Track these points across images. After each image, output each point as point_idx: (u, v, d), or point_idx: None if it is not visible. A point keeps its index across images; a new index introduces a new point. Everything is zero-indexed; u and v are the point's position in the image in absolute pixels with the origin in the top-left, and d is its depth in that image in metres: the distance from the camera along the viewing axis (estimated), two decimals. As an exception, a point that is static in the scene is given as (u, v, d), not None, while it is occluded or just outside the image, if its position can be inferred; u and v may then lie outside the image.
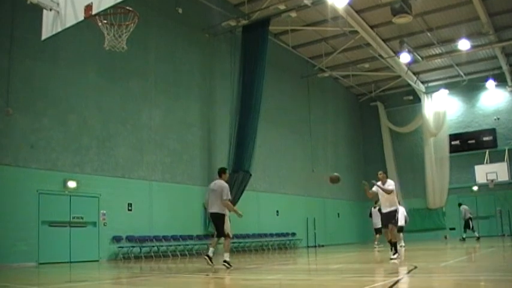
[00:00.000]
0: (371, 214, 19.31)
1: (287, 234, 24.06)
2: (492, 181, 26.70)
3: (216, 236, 10.28)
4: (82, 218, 15.46)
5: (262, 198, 22.87)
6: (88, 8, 8.39)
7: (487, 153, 28.15)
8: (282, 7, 20.06)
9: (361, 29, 22.37)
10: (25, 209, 13.88)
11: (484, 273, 7.86)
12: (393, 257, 10.73)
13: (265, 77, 19.89)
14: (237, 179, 19.13)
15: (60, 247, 14.64)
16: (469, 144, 30.11)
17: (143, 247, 16.91)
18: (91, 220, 15.75)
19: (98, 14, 8.83)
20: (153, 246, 17.23)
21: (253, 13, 20.77)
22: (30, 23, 12.98)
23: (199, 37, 20.62)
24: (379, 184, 11.12)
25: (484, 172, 27.08)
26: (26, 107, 14.48)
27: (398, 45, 24.47)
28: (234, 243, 19.20)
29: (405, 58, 24.47)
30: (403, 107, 32.41)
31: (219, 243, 10.45)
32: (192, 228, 18.89)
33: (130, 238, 16.57)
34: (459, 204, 23.92)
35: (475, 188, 28.64)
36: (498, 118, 29.63)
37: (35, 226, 14.07)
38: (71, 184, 15.22)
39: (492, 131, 29.62)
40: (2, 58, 14.03)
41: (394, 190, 11.15)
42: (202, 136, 20.27)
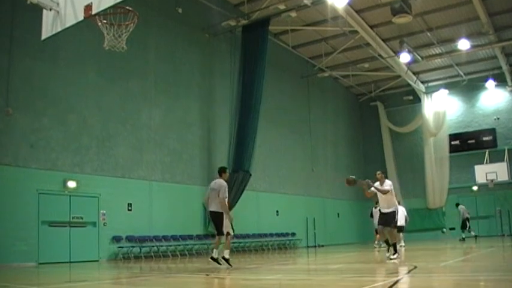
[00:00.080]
0: (372, 214, 19.29)
1: (287, 234, 24.05)
2: (492, 181, 26.71)
3: (217, 235, 10.29)
4: (82, 218, 15.46)
5: (262, 198, 22.88)
6: (88, 8, 8.39)
7: (487, 153, 28.17)
8: (282, 7, 20.05)
9: (361, 29, 22.37)
10: (25, 209, 13.88)
11: (484, 273, 7.86)
12: (393, 257, 10.74)
13: (265, 77, 19.90)
14: (237, 179, 19.15)
15: (60, 247, 14.64)
16: (469, 144, 30.11)
17: (143, 247, 16.91)
18: (91, 220, 15.75)
19: (98, 14, 8.83)
20: (153, 246, 17.22)
21: (253, 13, 20.77)
22: (30, 23, 12.97)
23: (199, 37, 20.62)
24: (376, 185, 11.11)
25: (484, 172, 27.08)
26: (26, 107, 14.48)
27: (398, 45, 24.46)
28: (234, 243, 19.18)
29: (405, 58, 24.47)
30: (403, 107, 32.41)
31: (221, 242, 10.44)
32: (192, 228, 18.89)
33: (130, 238, 16.56)
34: (457, 204, 23.92)
35: (475, 188, 28.66)
36: (498, 118, 29.64)
37: (35, 226, 14.08)
38: (71, 184, 15.22)
39: (492, 131, 29.63)
40: (2, 58, 14.03)
41: (392, 191, 11.12)
42: (202, 136, 20.28)
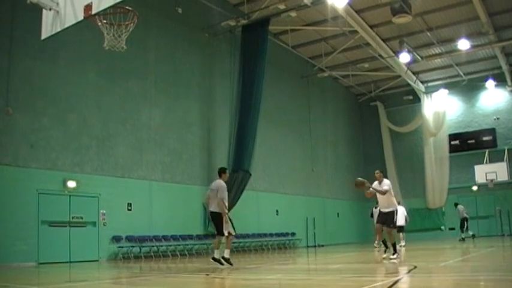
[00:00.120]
0: (372, 214, 19.29)
1: (287, 234, 24.06)
2: (492, 181, 26.70)
3: (217, 235, 10.29)
4: (82, 218, 15.46)
5: (262, 197, 22.88)
6: (88, 8, 8.39)
7: (487, 153, 28.17)
8: (282, 7, 20.04)
9: (360, 29, 22.37)
10: (25, 209, 13.88)
11: (484, 273, 7.86)
12: (393, 257, 10.75)
13: (265, 77, 19.90)
14: (237, 179, 19.14)
15: (59, 247, 14.63)
16: (469, 144, 30.11)
17: (143, 247, 16.91)
18: (91, 220, 15.75)
19: (98, 14, 8.83)
20: (153, 246, 17.22)
21: (252, 13, 20.77)
22: (30, 23, 12.96)
23: (199, 37, 20.62)
24: (374, 186, 11.10)
25: (484, 172, 27.07)
26: (26, 107, 14.48)
27: (398, 45, 24.46)
28: (234, 243, 19.15)
29: (405, 58, 24.47)
30: (403, 107, 32.42)
31: (222, 242, 10.45)
32: (192, 228, 18.89)
33: (130, 238, 16.56)
34: (455, 204, 23.91)
35: (475, 188, 28.66)
36: (498, 118, 29.64)
37: (35, 226, 14.07)
38: (71, 184, 15.22)
39: (492, 131, 29.63)
40: (2, 58, 14.02)
41: (391, 190, 11.13)
42: (202, 136, 20.27)
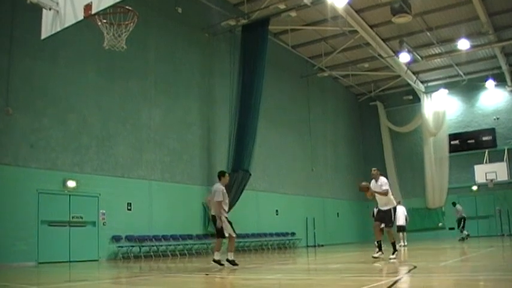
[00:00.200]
0: (373, 214, 19.27)
1: (287, 233, 24.05)
2: (491, 181, 26.70)
3: (216, 237, 10.31)
4: (81, 218, 15.46)
5: (261, 197, 22.87)
6: (87, 8, 8.38)
7: (487, 152, 28.16)
8: (282, 6, 20.04)
9: (360, 29, 22.37)
10: (25, 209, 13.88)
11: (484, 272, 7.86)
12: (392, 257, 10.75)
13: (264, 77, 19.90)
14: (237, 179, 19.15)
15: (59, 246, 14.64)
16: (469, 144, 30.11)
17: (143, 247, 16.91)
18: (90, 220, 15.75)
19: (98, 14, 8.83)
20: (153, 245, 17.22)
21: (252, 12, 20.77)
22: (29, 23, 12.96)
23: (198, 37, 20.61)
24: (372, 185, 11.10)
25: (484, 172, 27.07)
26: (26, 106, 14.47)
27: (397, 44, 24.45)
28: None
29: (405, 58, 24.46)
30: (403, 107, 32.41)
31: (224, 242, 10.46)
32: (192, 227, 18.89)
33: (129, 238, 16.56)
34: (453, 203, 23.90)
35: (475, 188, 28.66)
36: (497, 118, 29.64)
37: (35, 225, 14.07)
38: (71, 184, 15.22)
39: (491, 131, 29.62)
40: (2, 57, 14.02)
41: (389, 189, 11.14)
42: (201, 135, 20.27)
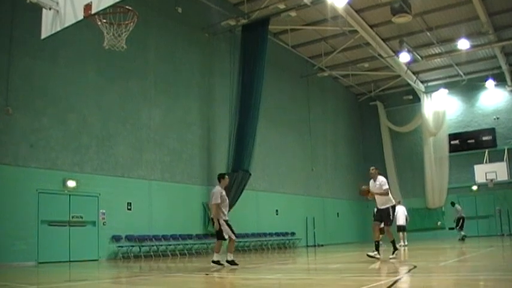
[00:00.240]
0: (374, 214, 19.25)
1: (286, 233, 24.05)
2: (491, 181, 26.70)
3: (217, 239, 10.34)
4: (81, 217, 15.47)
5: (261, 197, 22.88)
6: (87, 7, 8.38)
7: (487, 152, 28.17)
8: (282, 6, 20.04)
9: (360, 29, 22.36)
10: (24, 208, 13.88)
11: (484, 272, 7.86)
12: (392, 256, 10.76)
13: (264, 76, 19.89)
14: (237, 178, 19.14)
15: (59, 246, 14.64)
16: (469, 143, 30.12)
17: (142, 246, 16.91)
18: (90, 219, 15.75)
19: (98, 13, 8.82)
20: (153, 245, 17.22)
21: (252, 12, 20.77)
22: (29, 22, 12.96)
23: (198, 36, 20.61)
24: (370, 185, 11.08)
25: (484, 172, 27.07)
26: (26, 106, 14.47)
27: (397, 44, 24.45)
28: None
29: (405, 57, 24.46)
30: (403, 107, 32.41)
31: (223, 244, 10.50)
32: (192, 227, 18.89)
33: (129, 237, 16.56)
34: (452, 203, 23.85)
35: (475, 188, 28.67)
36: (497, 118, 29.65)
37: (35, 225, 14.08)
38: (71, 183, 15.22)
39: (491, 131, 29.63)
40: (2, 57, 14.02)
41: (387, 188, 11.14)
42: (201, 135, 20.27)
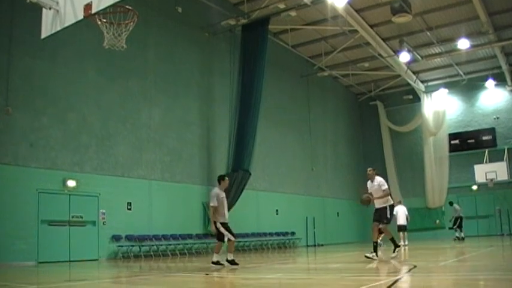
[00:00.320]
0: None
1: (286, 233, 24.05)
2: (491, 180, 26.71)
3: (217, 240, 10.35)
4: (81, 217, 15.46)
5: (261, 197, 22.87)
6: (87, 7, 8.38)
7: (487, 152, 28.17)
8: (282, 6, 20.02)
9: (360, 28, 22.36)
10: (24, 208, 13.88)
11: (484, 272, 7.86)
12: (393, 255, 10.77)
13: (264, 76, 19.88)
14: (237, 178, 19.14)
15: (59, 246, 14.64)
16: (469, 143, 30.12)
17: (142, 246, 16.90)
18: (90, 219, 15.75)
19: (98, 13, 8.82)
20: (153, 245, 17.22)
21: (252, 12, 20.76)
22: (29, 22, 12.94)
23: (198, 36, 20.60)
24: (374, 194, 10.98)
25: (484, 171, 27.08)
26: (26, 106, 14.47)
27: (398, 44, 24.44)
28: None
29: (405, 57, 24.44)
30: (403, 106, 32.41)
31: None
32: (192, 227, 18.89)
33: (129, 237, 16.56)
34: (450, 203, 23.81)
35: (475, 187, 28.68)
36: (497, 117, 29.65)
37: (35, 225, 14.07)
38: (71, 183, 15.21)
39: (491, 131, 29.63)
40: (2, 57, 14.01)
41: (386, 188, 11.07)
42: (201, 135, 20.27)
